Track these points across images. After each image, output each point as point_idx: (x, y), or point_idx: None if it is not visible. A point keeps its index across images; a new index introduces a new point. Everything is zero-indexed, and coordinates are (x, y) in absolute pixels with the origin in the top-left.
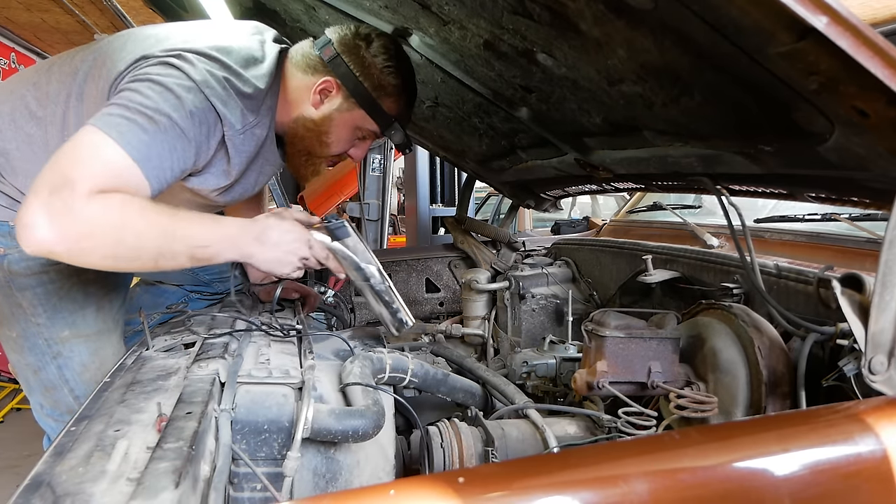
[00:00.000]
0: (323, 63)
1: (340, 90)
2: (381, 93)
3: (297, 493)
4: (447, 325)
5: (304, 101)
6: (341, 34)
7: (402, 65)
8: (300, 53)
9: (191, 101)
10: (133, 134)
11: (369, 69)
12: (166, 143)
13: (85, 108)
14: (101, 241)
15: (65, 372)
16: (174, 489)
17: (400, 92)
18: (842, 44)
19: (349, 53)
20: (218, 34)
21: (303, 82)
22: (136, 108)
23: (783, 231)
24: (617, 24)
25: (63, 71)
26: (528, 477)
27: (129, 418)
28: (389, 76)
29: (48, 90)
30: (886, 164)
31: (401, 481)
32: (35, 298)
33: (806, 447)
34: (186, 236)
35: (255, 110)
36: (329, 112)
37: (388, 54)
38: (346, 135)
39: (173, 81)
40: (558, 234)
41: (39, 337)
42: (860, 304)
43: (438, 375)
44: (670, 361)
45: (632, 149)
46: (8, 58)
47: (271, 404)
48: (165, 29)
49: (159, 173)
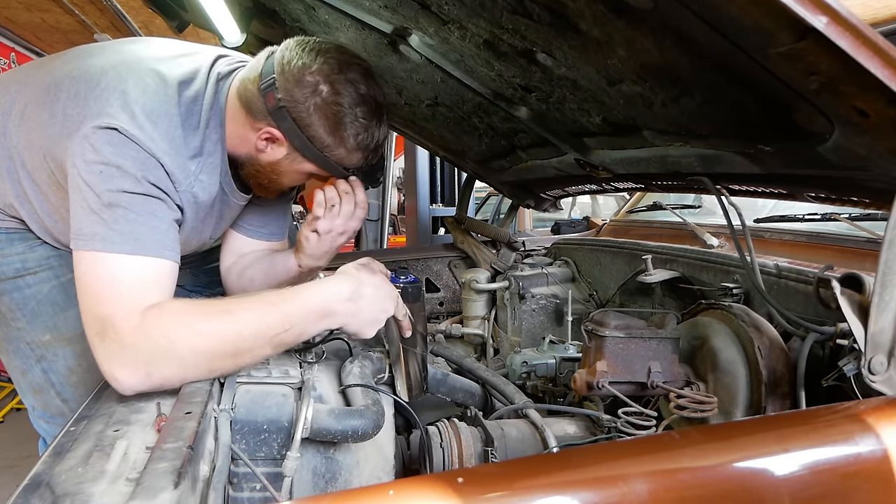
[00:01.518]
0: (265, 110)
1: (285, 142)
2: (333, 151)
3: (296, 493)
4: (447, 325)
5: (250, 143)
6: (288, 65)
7: (365, 113)
8: (244, 86)
9: (135, 167)
10: (111, 231)
11: (318, 128)
12: (145, 214)
13: (25, 128)
14: (169, 363)
15: (50, 375)
16: (173, 489)
17: (360, 146)
18: (842, 44)
19: (295, 102)
20: (153, 62)
21: (245, 124)
22: (99, 204)
23: (783, 231)
24: (617, 24)
25: (9, 84)
26: (527, 477)
27: (129, 418)
28: (345, 134)
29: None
30: (886, 164)
31: (400, 482)
32: (12, 303)
33: (806, 447)
34: (256, 333)
35: (198, 151)
36: (276, 159)
37: (347, 98)
38: (298, 178)
39: (108, 153)
40: (558, 234)
41: (21, 341)
42: (860, 303)
43: (438, 375)
44: (670, 361)
45: (632, 149)
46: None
47: (271, 404)
48: (99, 65)
49: (162, 242)
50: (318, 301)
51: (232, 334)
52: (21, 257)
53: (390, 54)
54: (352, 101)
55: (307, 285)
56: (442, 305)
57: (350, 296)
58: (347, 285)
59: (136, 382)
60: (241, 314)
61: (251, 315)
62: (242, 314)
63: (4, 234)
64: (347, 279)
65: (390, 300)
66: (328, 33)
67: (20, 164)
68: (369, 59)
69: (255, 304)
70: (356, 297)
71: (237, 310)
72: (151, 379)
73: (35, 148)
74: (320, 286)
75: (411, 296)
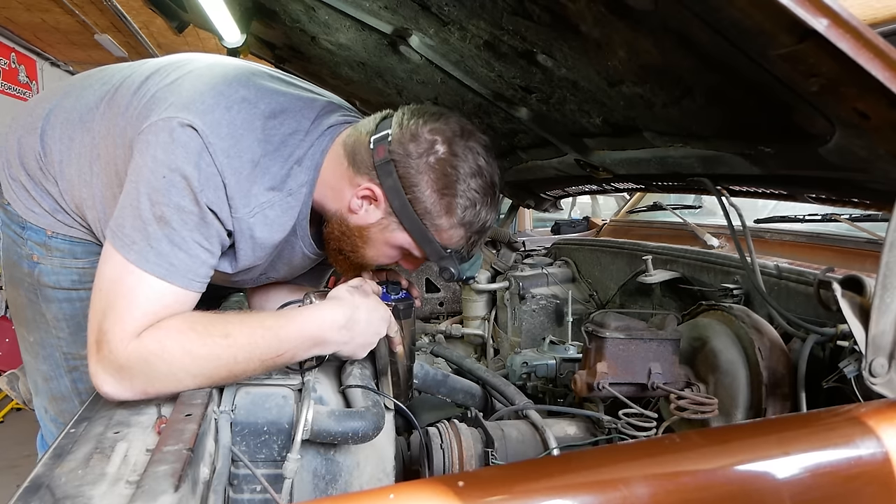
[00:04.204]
0: (370, 163)
1: (383, 203)
2: (434, 221)
3: (296, 495)
4: (447, 326)
5: (344, 199)
6: (403, 129)
7: (481, 187)
8: (354, 135)
9: (199, 181)
10: (150, 248)
11: (424, 190)
12: (189, 240)
13: (111, 114)
14: (163, 384)
15: (79, 385)
16: (173, 492)
17: (466, 224)
18: (842, 46)
19: (406, 156)
20: (261, 81)
21: (346, 175)
22: (150, 214)
23: (783, 231)
24: (617, 26)
25: (100, 78)
26: (528, 480)
27: (129, 420)
28: (454, 204)
29: (84, 95)
30: (887, 166)
31: (401, 485)
32: (60, 313)
33: (806, 450)
34: (250, 356)
35: (278, 186)
36: (366, 224)
37: (464, 164)
38: (387, 251)
39: (180, 157)
40: (558, 234)
41: (57, 350)
42: (861, 306)
43: (438, 376)
44: (670, 362)
45: (632, 149)
46: (8, 58)
47: (271, 406)
48: (206, 62)
49: (195, 272)
50: (313, 329)
51: (228, 359)
52: (80, 271)
53: (390, 55)
54: (468, 170)
55: (303, 311)
56: (442, 305)
57: (345, 323)
58: (342, 313)
59: (129, 397)
60: (238, 338)
61: (247, 340)
62: (239, 338)
63: (69, 243)
64: (342, 306)
65: (384, 322)
66: (328, 34)
67: (96, 158)
68: (369, 59)
69: (252, 327)
70: (351, 325)
71: (234, 332)
72: (148, 395)
73: (111, 135)
74: (317, 313)
75: (403, 313)
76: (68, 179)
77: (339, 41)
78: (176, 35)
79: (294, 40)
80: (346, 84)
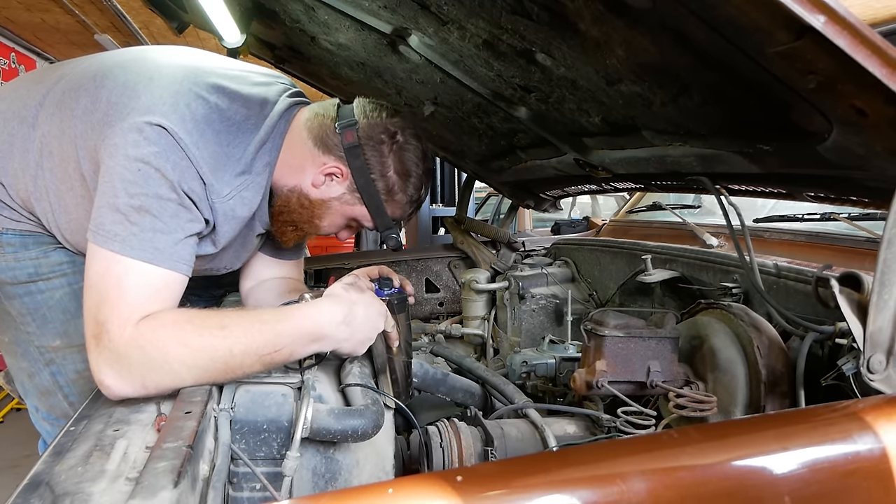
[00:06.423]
0: (339, 146)
1: (347, 180)
2: (391, 197)
3: (296, 493)
4: (447, 325)
5: (305, 175)
6: (370, 120)
7: (425, 171)
8: (317, 121)
9: (174, 173)
10: (133, 235)
11: (387, 171)
12: (171, 224)
13: (63, 115)
14: (160, 375)
15: (58, 378)
16: (173, 488)
17: (412, 201)
18: (840, 43)
19: (372, 148)
20: (222, 70)
21: (310, 154)
22: (128, 206)
23: (782, 230)
24: (615, 24)
25: (32, 78)
26: (526, 475)
27: (129, 418)
28: (407, 183)
29: (18, 94)
30: (884, 164)
31: (399, 480)
32: (23, 307)
33: (805, 446)
34: (247, 351)
35: (246, 169)
36: (328, 198)
37: (417, 151)
38: (339, 221)
39: (151, 153)
40: (558, 234)
41: (30, 345)
42: (859, 302)
43: (438, 375)
44: (669, 361)
45: (631, 148)
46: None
47: (270, 404)
48: (155, 61)
49: (179, 254)
50: (311, 324)
51: (224, 351)
52: (34, 262)
53: (390, 54)
54: (419, 156)
55: (301, 306)
56: (442, 305)
57: (343, 319)
58: (340, 309)
59: (129, 392)
60: (234, 330)
61: (243, 333)
62: (235, 330)
63: (19, 237)
64: (339, 303)
65: (381, 317)
66: (328, 34)
67: (47, 155)
68: (368, 59)
69: (249, 321)
70: (349, 321)
71: (231, 325)
72: (147, 389)
73: (67, 136)
74: (315, 309)
75: (397, 307)
76: (12, 174)
77: (338, 41)
78: (176, 35)
79: (294, 40)
80: (346, 84)
